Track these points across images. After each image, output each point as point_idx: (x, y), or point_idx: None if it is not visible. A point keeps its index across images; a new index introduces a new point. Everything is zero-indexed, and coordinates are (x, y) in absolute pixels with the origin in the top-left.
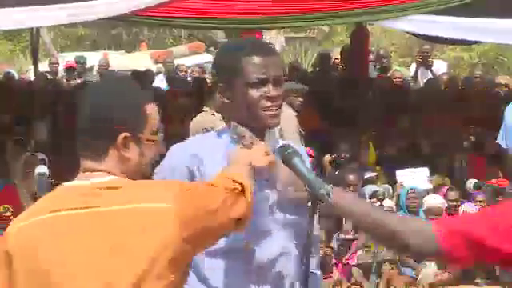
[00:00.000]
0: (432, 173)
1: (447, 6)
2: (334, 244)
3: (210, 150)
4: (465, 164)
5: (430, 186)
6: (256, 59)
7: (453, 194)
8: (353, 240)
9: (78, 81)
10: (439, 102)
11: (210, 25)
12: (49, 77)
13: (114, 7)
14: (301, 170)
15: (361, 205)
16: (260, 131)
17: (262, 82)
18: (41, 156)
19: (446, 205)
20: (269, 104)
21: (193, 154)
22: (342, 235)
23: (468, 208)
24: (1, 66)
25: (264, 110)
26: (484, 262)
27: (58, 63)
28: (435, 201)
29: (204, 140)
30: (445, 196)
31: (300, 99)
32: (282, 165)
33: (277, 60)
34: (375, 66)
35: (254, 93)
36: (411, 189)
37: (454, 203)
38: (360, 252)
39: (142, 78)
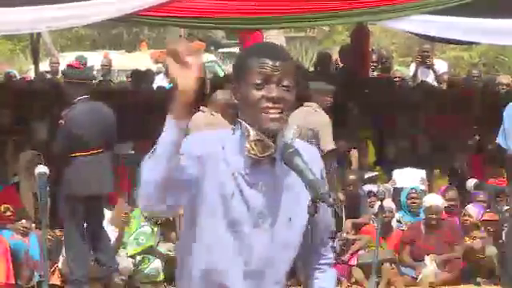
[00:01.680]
0: (431, 173)
1: (446, 6)
2: (336, 243)
3: (227, 142)
4: (465, 164)
5: (424, 187)
6: (262, 60)
7: (451, 194)
8: (354, 240)
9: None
10: (439, 102)
11: (210, 25)
12: (49, 76)
13: (115, 8)
14: (302, 169)
15: None
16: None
17: (265, 83)
18: (37, 153)
19: (446, 204)
20: (269, 105)
21: (214, 141)
22: (344, 234)
23: (471, 210)
24: (1, 66)
25: (264, 112)
26: None
27: (58, 63)
28: (435, 200)
29: (219, 134)
30: (443, 195)
31: (328, 99)
32: (284, 165)
33: (286, 64)
34: (376, 67)
35: (256, 93)
36: (412, 189)
37: (453, 202)
38: (361, 252)
39: (143, 77)
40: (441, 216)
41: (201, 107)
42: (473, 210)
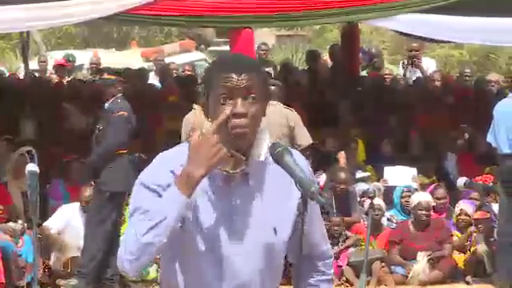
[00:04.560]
0: (422, 171)
1: (432, 5)
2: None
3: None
4: (455, 162)
5: (416, 186)
6: (226, 75)
7: (440, 192)
8: (346, 238)
9: (68, 79)
10: (430, 101)
11: (200, 23)
12: (37, 75)
13: (104, 6)
14: (292, 167)
15: None
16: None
17: (231, 98)
18: (27, 148)
19: (434, 203)
20: (235, 121)
21: (182, 160)
22: (333, 228)
23: (464, 206)
24: None
25: (231, 128)
26: None
27: (46, 62)
28: (424, 197)
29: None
30: (432, 193)
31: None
32: (274, 163)
33: (251, 76)
34: (366, 66)
35: (222, 108)
36: (406, 187)
37: (442, 201)
38: (351, 250)
39: (137, 76)
40: (430, 213)
41: (193, 105)
42: (467, 207)
